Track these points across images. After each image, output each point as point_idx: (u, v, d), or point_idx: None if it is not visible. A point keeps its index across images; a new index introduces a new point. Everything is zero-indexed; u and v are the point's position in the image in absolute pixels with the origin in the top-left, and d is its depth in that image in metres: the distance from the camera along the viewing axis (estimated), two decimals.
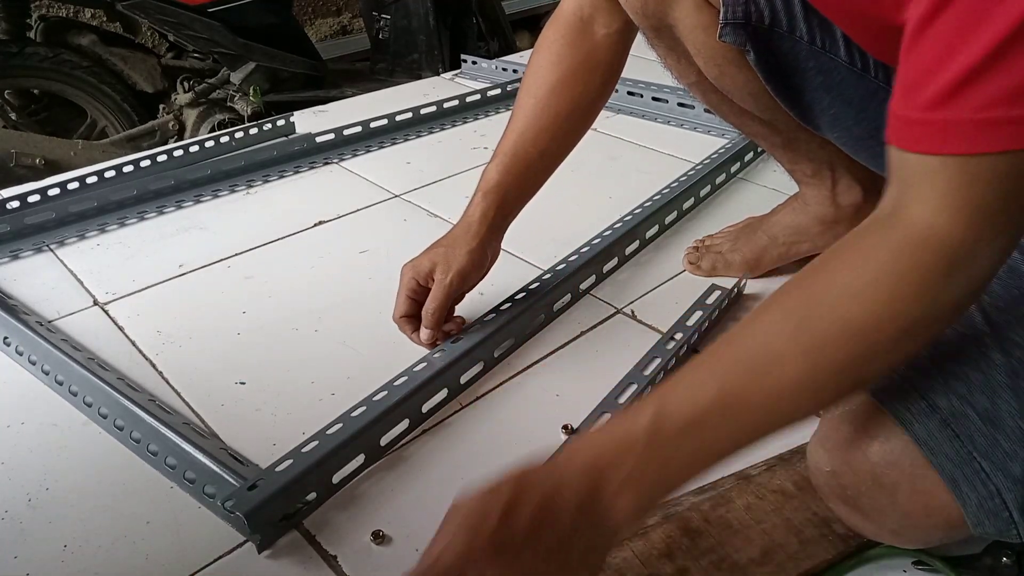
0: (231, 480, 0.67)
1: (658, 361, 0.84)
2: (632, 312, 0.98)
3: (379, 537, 0.66)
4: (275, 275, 1.07)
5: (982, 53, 0.40)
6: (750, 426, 0.47)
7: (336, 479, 0.70)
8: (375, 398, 0.75)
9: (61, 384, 0.82)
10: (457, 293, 0.84)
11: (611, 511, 0.47)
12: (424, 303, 0.84)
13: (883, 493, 0.54)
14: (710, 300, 0.95)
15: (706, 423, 0.47)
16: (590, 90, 0.84)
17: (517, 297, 0.91)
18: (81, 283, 1.05)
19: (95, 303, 1.01)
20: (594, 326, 0.95)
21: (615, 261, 1.05)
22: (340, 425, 0.71)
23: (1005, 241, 0.45)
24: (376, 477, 0.73)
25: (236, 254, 1.12)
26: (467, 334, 0.85)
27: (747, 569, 0.60)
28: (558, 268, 0.96)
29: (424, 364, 0.80)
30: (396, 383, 0.77)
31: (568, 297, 0.97)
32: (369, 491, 0.71)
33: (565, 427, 0.77)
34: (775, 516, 0.65)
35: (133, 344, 0.92)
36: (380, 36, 2.48)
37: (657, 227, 1.13)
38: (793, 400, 0.47)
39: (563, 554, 0.47)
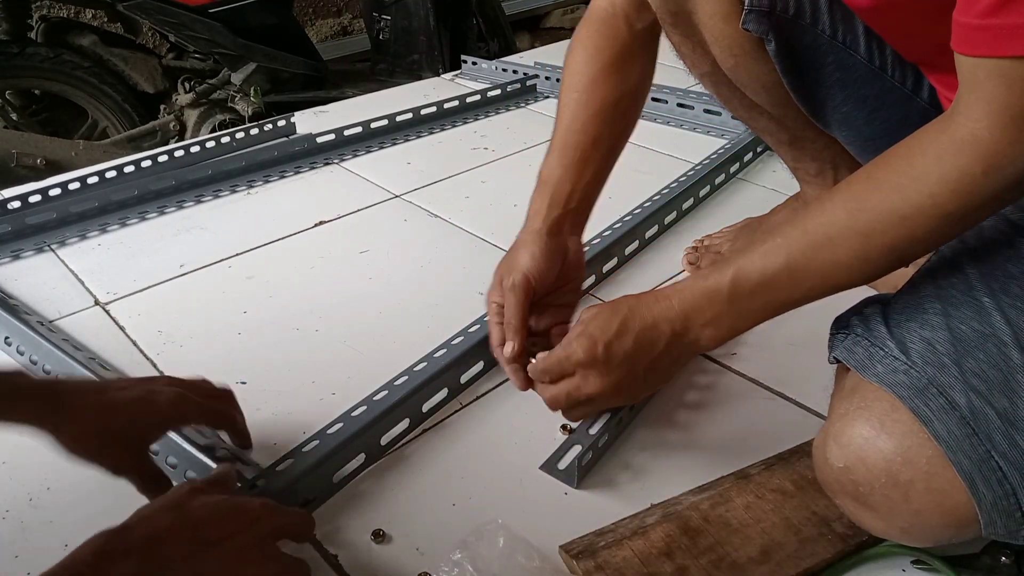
0: None
1: None
2: None
3: (379, 536, 0.66)
4: (276, 275, 1.07)
5: None
6: (809, 288, 0.59)
7: (336, 479, 0.71)
8: (375, 398, 0.75)
9: None
10: (531, 294, 0.75)
11: (696, 341, 0.64)
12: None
13: (896, 490, 0.54)
14: None
15: (774, 284, 0.59)
16: (632, 78, 0.83)
17: None
18: (82, 283, 1.05)
19: (96, 303, 1.01)
20: None
21: (615, 261, 1.05)
22: (340, 425, 0.72)
23: None
24: (376, 476, 0.73)
25: (237, 254, 1.12)
26: (467, 333, 0.85)
27: (746, 568, 0.61)
28: None
29: (424, 364, 0.80)
30: (396, 382, 0.77)
31: None
32: (369, 490, 0.72)
33: (564, 427, 0.78)
34: (774, 515, 0.65)
35: (134, 344, 0.92)
36: (380, 37, 2.48)
37: (657, 227, 1.13)
38: (846, 272, 0.57)
39: (652, 372, 0.66)
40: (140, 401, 0.62)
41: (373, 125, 1.50)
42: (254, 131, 1.48)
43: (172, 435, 0.71)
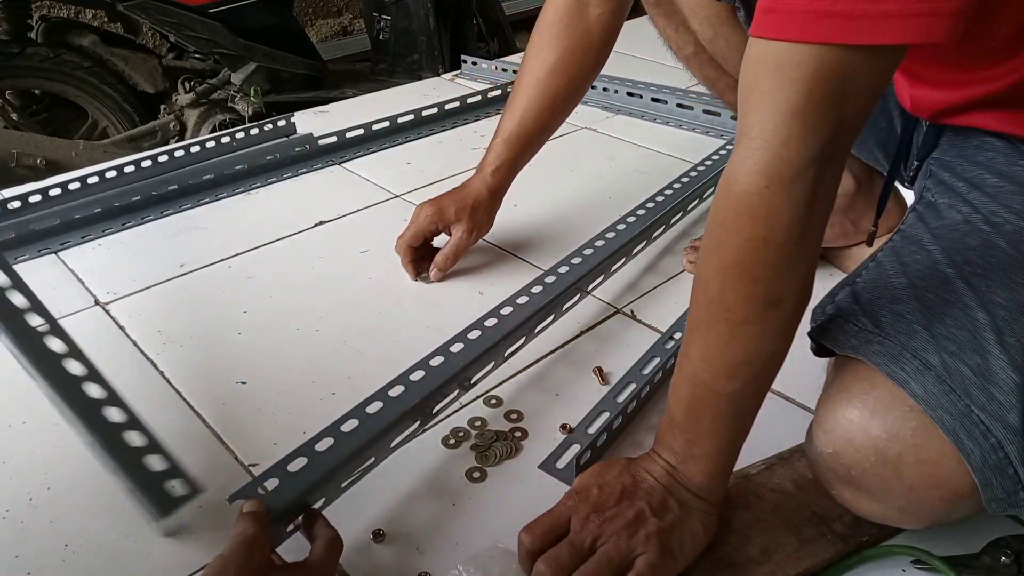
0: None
1: (657, 360, 0.84)
2: (632, 312, 0.98)
3: (379, 536, 0.66)
4: (276, 275, 1.07)
5: None
6: (730, 379, 0.56)
7: (344, 484, 0.68)
8: (391, 393, 0.71)
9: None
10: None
11: (693, 481, 0.60)
12: (430, 241, 1.03)
13: (887, 467, 0.54)
14: None
15: (689, 419, 0.59)
16: (584, 70, 0.94)
17: (519, 301, 0.88)
18: (82, 283, 1.05)
19: (96, 303, 1.01)
20: (594, 325, 0.95)
21: (622, 261, 1.03)
22: (356, 422, 0.69)
23: (818, 143, 0.47)
24: (376, 476, 0.73)
25: (237, 254, 1.12)
26: (483, 327, 0.82)
27: (746, 568, 0.61)
28: (562, 272, 0.93)
29: (441, 358, 0.77)
30: (412, 377, 0.74)
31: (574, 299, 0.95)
32: (369, 490, 0.72)
33: (563, 427, 0.78)
34: (774, 515, 0.65)
35: (134, 344, 0.92)
36: (380, 37, 2.48)
37: (650, 235, 1.12)
38: (730, 419, 0.58)
39: (671, 512, 0.59)
40: None
41: (375, 127, 1.50)
42: (254, 131, 1.48)
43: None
